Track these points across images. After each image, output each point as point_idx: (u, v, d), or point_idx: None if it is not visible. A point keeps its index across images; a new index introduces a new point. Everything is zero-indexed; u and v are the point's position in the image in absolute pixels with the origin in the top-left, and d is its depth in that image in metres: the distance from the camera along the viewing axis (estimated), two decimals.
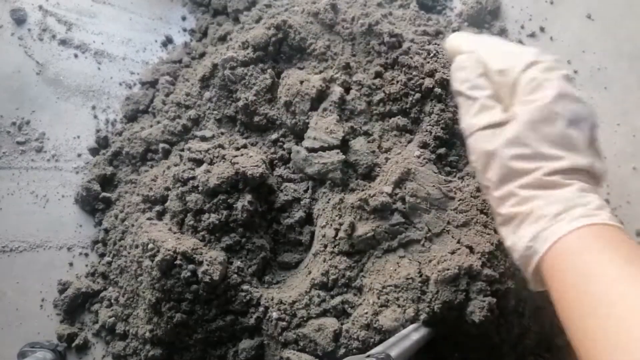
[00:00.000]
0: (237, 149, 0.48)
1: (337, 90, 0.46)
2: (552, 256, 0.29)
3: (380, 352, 0.34)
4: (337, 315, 0.42)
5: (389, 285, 0.40)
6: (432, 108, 0.46)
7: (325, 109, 0.46)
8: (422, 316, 0.38)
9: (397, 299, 0.39)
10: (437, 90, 0.45)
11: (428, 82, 0.46)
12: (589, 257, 0.28)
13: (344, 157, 0.44)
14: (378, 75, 0.47)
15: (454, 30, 0.56)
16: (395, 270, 0.40)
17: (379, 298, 0.40)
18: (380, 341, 0.38)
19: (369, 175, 0.45)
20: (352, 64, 0.49)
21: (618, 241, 0.28)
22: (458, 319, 0.39)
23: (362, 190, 0.43)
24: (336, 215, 0.43)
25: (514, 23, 0.58)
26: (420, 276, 0.39)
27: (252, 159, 0.45)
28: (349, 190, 0.44)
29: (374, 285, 0.41)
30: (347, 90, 0.47)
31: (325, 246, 0.43)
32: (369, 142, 0.46)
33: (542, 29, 0.57)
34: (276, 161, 0.49)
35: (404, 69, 0.47)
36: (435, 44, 0.49)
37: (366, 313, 0.40)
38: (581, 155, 0.32)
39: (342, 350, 0.40)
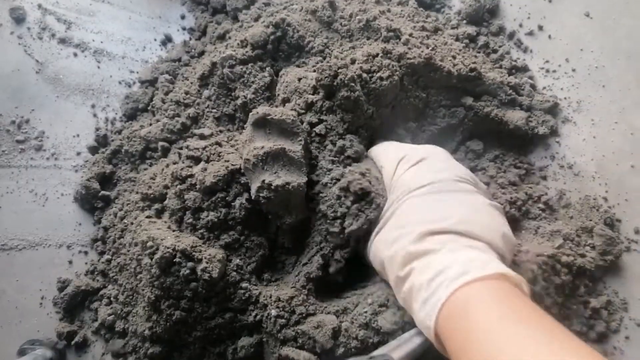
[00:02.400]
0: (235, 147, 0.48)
1: None
2: (441, 323, 0.32)
3: (383, 354, 0.34)
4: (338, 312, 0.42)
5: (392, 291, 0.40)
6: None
7: None
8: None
9: (397, 302, 0.40)
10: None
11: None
12: (467, 319, 0.30)
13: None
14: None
15: (452, 28, 0.56)
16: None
17: (379, 297, 0.40)
18: (379, 342, 0.38)
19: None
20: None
21: (491, 296, 0.30)
22: None
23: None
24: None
25: (513, 21, 0.58)
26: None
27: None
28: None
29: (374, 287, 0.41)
30: None
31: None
32: None
33: (540, 27, 0.57)
34: None
35: None
36: (434, 39, 0.50)
37: (365, 312, 0.40)
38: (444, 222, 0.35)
39: (341, 350, 0.40)
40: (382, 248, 0.38)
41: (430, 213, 0.36)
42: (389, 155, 0.43)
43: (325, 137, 0.44)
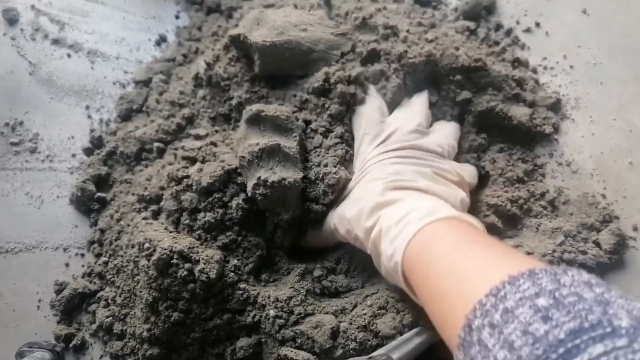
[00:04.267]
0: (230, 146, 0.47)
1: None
2: (407, 258, 0.33)
3: (383, 354, 0.34)
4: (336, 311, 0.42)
5: (392, 293, 0.40)
6: None
7: None
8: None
9: (396, 304, 0.40)
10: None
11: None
12: (430, 251, 0.31)
13: None
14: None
15: (450, 23, 0.56)
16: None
17: (378, 299, 0.40)
18: (378, 344, 0.39)
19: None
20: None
21: (452, 231, 0.32)
22: None
23: None
24: None
25: (510, 18, 0.58)
26: None
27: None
28: None
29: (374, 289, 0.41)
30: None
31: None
32: None
33: (537, 24, 0.57)
34: None
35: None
36: (434, 32, 0.50)
37: (364, 314, 0.40)
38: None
39: (339, 351, 0.40)
40: (347, 210, 0.40)
41: (394, 175, 0.39)
42: (359, 130, 0.44)
43: (317, 132, 0.45)
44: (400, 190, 0.38)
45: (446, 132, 0.46)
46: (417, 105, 0.46)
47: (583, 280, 0.23)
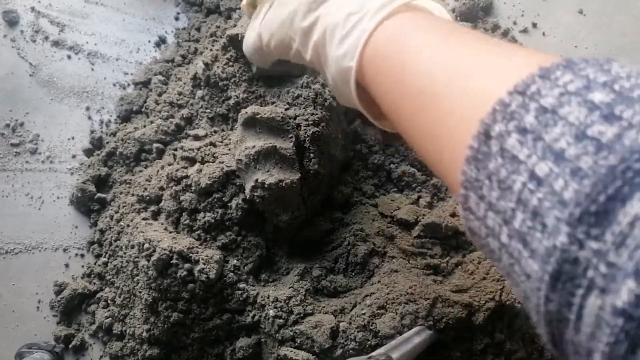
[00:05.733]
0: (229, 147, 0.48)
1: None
2: (367, 60, 0.26)
3: (382, 353, 0.35)
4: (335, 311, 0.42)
5: (391, 293, 0.40)
6: None
7: None
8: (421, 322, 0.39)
9: (397, 306, 0.40)
10: None
11: None
12: (403, 46, 0.24)
13: None
14: None
15: None
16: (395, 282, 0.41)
17: (378, 299, 0.40)
18: (377, 344, 0.39)
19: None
20: None
21: (425, 21, 0.25)
22: (465, 321, 0.40)
23: None
24: None
25: (507, 19, 0.58)
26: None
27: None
28: None
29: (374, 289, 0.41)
30: None
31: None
32: None
33: (534, 25, 0.57)
34: None
35: None
36: None
37: (364, 314, 0.40)
38: None
39: (339, 351, 0.40)
40: (276, 14, 0.32)
41: None
42: None
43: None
44: None
45: None
46: None
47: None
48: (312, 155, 0.43)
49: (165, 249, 0.41)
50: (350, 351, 0.40)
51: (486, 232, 0.18)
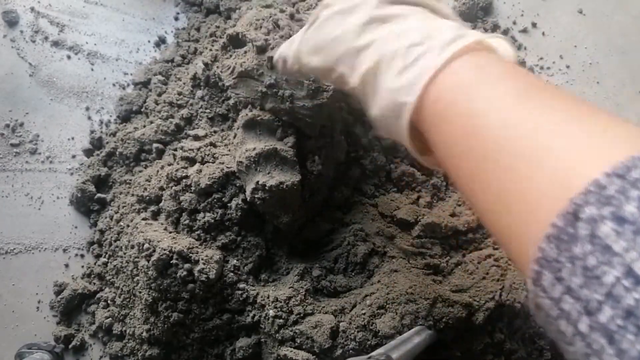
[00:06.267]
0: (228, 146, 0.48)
1: None
2: (429, 99, 0.24)
3: (382, 353, 0.35)
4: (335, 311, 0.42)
5: (391, 293, 0.40)
6: None
7: None
8: (421, 322, 0.39)
9: (397, 306, 0.40)
10: None
11: None
12: (473, 97, 0.22)
13: None
14: None
15: None
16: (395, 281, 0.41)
17: (378, 299, 0.40)
18: (377, 344, 0.39)
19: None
20: None
21: (498, 68, 0.23)
22: (465, 322, 0.40)
23: None
24: None
25: (506, 19, 0.58)
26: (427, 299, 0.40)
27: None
28: None
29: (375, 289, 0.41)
30: None
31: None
32: None
33: (534, 25, 0.57)
34: None
35: None
36: None
37: (364, 314, 0.40)
38: None
39: (339, 351, 0.40)
40: (322, 31, 0.29)
41: None
42: None
43: None
44: (402, 5, 0.27)
45: None
46: None
47: None
48: (317, 157, 0.43)
49: (165, 249, 0.41)
50: (350, 351, 0.40)
51: (559, 314, 0.17)
